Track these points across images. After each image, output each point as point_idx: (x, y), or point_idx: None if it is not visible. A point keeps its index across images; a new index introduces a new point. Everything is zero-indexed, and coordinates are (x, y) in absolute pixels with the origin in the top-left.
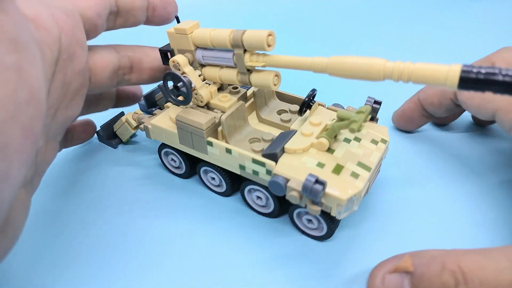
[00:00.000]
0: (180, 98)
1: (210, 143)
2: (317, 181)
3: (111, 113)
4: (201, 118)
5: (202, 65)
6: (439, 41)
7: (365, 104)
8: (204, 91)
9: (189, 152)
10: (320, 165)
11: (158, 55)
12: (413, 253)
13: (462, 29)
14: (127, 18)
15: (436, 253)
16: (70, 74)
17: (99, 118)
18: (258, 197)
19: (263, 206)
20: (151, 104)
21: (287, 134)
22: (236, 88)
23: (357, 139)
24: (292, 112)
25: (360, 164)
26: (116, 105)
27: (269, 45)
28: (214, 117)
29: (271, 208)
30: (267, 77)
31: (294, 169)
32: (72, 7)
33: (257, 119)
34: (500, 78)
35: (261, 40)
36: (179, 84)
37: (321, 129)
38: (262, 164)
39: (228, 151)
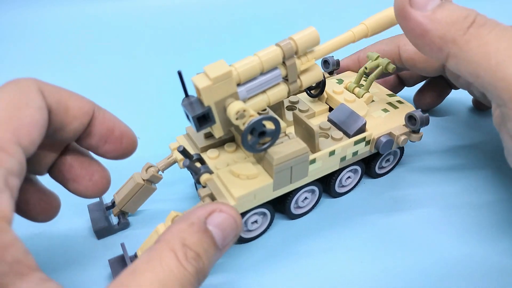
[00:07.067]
0: (265, 140)
1: (313, 160)
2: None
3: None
4: (296, 145)
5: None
6: None
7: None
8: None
9: (281, 193)
10: (385, 110)
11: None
12: None
13: None
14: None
15: None
16: None
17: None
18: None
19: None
20: None
21: (343, 109)
22: (265, 109)
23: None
24: (293, 102)
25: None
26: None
27: None
28: (293, 138)
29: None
30: (316, 68)
31: (380, 125)
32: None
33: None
34: None
35: (315, 37)
36: (266, 128)
37: (351, 90)
38: (362, 140)
39: (332, 153)
